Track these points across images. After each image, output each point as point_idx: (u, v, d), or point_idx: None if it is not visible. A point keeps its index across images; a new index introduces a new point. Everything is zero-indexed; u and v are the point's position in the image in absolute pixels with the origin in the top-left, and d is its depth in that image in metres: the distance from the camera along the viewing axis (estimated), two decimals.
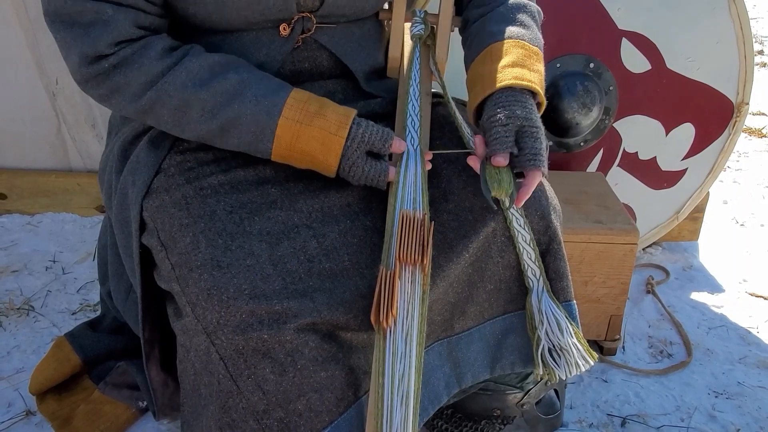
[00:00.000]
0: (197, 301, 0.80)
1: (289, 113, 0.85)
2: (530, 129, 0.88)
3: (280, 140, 0.85)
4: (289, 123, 0.85)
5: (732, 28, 1.55)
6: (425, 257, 0.82)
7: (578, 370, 0.96)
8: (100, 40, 0.80)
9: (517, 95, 0.88)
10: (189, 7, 0.86)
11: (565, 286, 0.97)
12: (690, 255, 1.85)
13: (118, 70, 0.83)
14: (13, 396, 1.28)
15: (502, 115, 0.87)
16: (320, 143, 0.85)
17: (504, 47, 0.92)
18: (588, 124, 1.59)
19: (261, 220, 0.87)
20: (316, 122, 0.85)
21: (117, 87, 0.84)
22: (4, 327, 1.46)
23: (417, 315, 0.82)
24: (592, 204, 1.44)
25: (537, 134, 0.88)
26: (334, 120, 0.86)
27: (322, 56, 0.98)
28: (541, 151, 0.88)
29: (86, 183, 1.86)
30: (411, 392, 0.80)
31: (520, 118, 0.87)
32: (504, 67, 0.90)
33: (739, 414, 1.31)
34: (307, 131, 0.85)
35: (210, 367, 0.80)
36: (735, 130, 1.66)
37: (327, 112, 0.86)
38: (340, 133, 0.85)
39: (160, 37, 0.86)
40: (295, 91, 0.87)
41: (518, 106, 0.87)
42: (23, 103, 1.80)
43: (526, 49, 0.92)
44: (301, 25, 0.94)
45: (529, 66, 0.91)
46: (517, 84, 0.88)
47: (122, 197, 0.96)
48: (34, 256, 1.71)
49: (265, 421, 0.79)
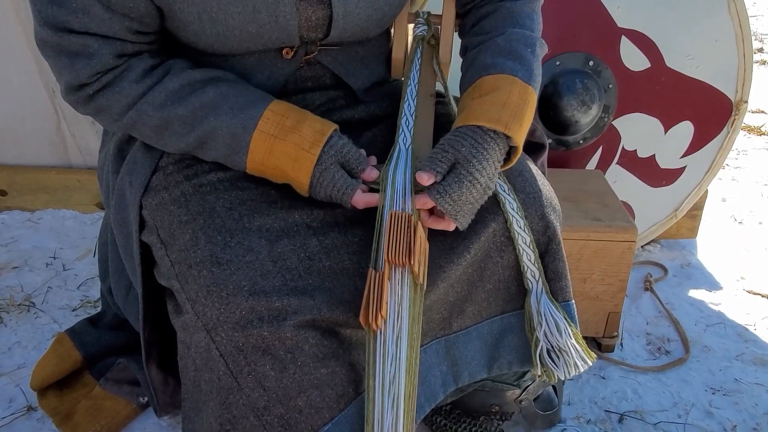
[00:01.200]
0: (197, 297, 0.81)
1: (265, 127, 0.84)
2: (460, 168, 0.82)
3: (254, 154, 0.85)
4: (263, 137, 0.84)
5: (731, 26, 1.55)
6: (413, 258, 0.81)
7: (577, 370, 0.96)
8: (83, 72, 0.81)
9: (478, 134, 0.84)
10: (190, 37, 0.86)
11: (564, 286, 0.97)
12: (688, 252, 1.86)
13: (101, 94, 0.84)
14: (14, 391, 1.28)
15: (448, 142, 0.84)
16: (292, 159, 0.84)
17: (493, 82, 0.88)
18: (587, 122, 1.59)
19: (261, 217, 0.87)
20: (290, 138, 0.84)
21: (100, 108, 0.86)
22: (5, 323, 1.47)
23: (406, 316, 0.82)
24: (591, 202, 1.44)
25: (463, 177, 0.82)
26: (309, 136, 0.84)
27: (325, 75, 0.98)
28: (452, 193, 0.82)
29: (86, 180, 1.87)
30: (401, 394, 0.80)
31: (460, 154, 0.83)
32: (483, 105, 0.86)
33: (736, 410, 1.32)
34: (280, 146, 0.84)
35: (210, 363, 0.81)
36: (734, 128, 1.66)
37: (303, 128, 0.85)
38: (313, 150, 0.84)
39: (141, 59, 0.86)
40: (274, 104, 0.86)
41: (468, 143, 0.83)
42: (23, 101, 1.80)
43: (516, 86, 0.87)
44: (305, 48, 0.94)
45: (512, 107, 0.85)
46: (487, 125, 0.84)
47: (120, 198, 0.97)
48: (35, 253, 1.72)
49: (265, 418, 0.79)
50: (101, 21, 0.79)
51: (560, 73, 1.53)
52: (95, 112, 0.87)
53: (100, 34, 0.80)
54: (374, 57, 1.03)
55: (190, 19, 0.83)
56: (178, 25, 0.85)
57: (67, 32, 0.79)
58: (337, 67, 0.97)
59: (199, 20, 0.83)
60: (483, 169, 0.84)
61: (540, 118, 1.58)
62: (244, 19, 0.83)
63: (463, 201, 0.84)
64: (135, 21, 0.82)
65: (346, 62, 0.98)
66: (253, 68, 0.92)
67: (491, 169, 0.85)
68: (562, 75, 1.53)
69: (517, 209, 0.92)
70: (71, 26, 0.79)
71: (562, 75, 1.53)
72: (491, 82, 0.88)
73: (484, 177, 0.84)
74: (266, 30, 0.86)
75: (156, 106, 0.84)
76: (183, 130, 0.86)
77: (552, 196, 0.99)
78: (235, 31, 0.84)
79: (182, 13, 0.82)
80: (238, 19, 0.83)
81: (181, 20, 0.84)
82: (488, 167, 0.84)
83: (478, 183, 0.84)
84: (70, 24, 0.78)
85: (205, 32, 0.84)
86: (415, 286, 0.83)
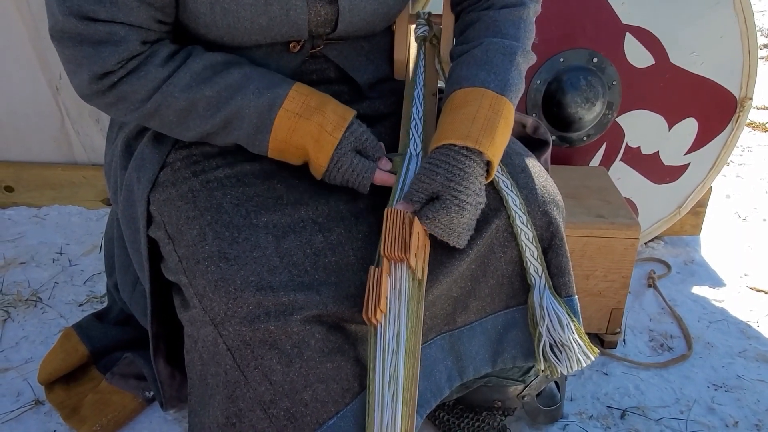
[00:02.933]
0: (204, 292, 0.81)
1: (290, 105, 0.86)
2: (444, 195, 0.83)
3: (277, 132, 0.86)
4: (288, 115, 0.85)
5: (736, 22, 1.55)
6: (408, 253, 0.81)
7: (579, 365, 0.97)
8: (110, 59, 0.81)
9: (451, 156, 0.83)
10: (200, 29, 0.87)
11: (567, 281, 0.98)
12: (692, 249, 1.86)
13: (125, 80, 0.84)
14: (22, 385, 1.30)
15: (423, 173, 0.84)
16: (314, 140, 0.86)
17: (464, 96, 0.87)
18: (591, 119, 1.59)
19: (267, 213, 0.88)
20: (314, 118, 0.86)
21: (123, 95, 0.85)
22: (13, 318, 1.48)
23: (405, 311, 0.82)
24: (594, 198, 1.44)
25: (449, 204, 0.82)
26: (332, 119, 0.86)
27: (330, 68, 0.99)
28: (443, 220, 0.82)
29: (92, 176, 1.88)
30: (400, 388, 0.80)
31: (437, 183, 0.83)
32: (453, 122, 0.85)
33: (738, 407, 1.33)
34: (304, 125, 0.86)
35: (217, 357, 0.81)
36: (738, 125, 1.66)
37: (326, 110, 0.87)
38: (335, 133, 0.86)
39: (163, 44, 0.87)
40: (298, 85, 0.88)
41: (443, 169, 0.82)
42: (26, 98, 1.81)
43: (487, 99, 0.86)
44: (311, 42, 0.94)
45: (482, 120, 0.84)
46: (458, 143, 0.83)
47: (128, 194, 0.98)
48: (41, 248, 1.73)
49: (271, 411, 0.80)
50: (129, 10, 0.80)
51: (564, 69, 1.53)
52: (116, 101, 0.86)
53: (126, 22, 0.81)
54: (379, 52, 1.04)
55: (202, 10, 0.84)
56: (189, 16, 0.85)
57: (93, 21, 0.79)
58: (342, 61, 0.98)
59: (211, 11, 0.84)
60: (466, 189, 0.83)
61: (543, 115, 1.58)
62: (255, 11, 0.84)
63: (455, 225, 0.84)
64: (159, 11, 0.83)
65: (351, 57, 0.99)
66: (260, 61, 0.93)
67: (475, 185, 0.84)
68: (566, 72, 1.53)
69: (520, 205, 0.93)
70: (97, 15, 0.79)
71: (565, 72, 1.53)
72: (462, 96, 0.87)
73: (470, 197, 0.84)
74: (276, 23, 0.86)
75: (182, 87, 0.85)
76: (208, 112, 0.86)
77: (555, 193, 0.99)
78: (246, 23, 0.85)
79: (195, 3, 0.83)
80: (249, 11, 0.84)
81: (193, 11, 0.84)
82: (471, 185, 0.84)
83: (467, 204, 0.83)
84: (97, 13, 0.79)
85: (216, 23, 0.85)
86: (413, 281, 0.84)
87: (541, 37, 1.00)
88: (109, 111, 0.89)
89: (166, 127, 0.89)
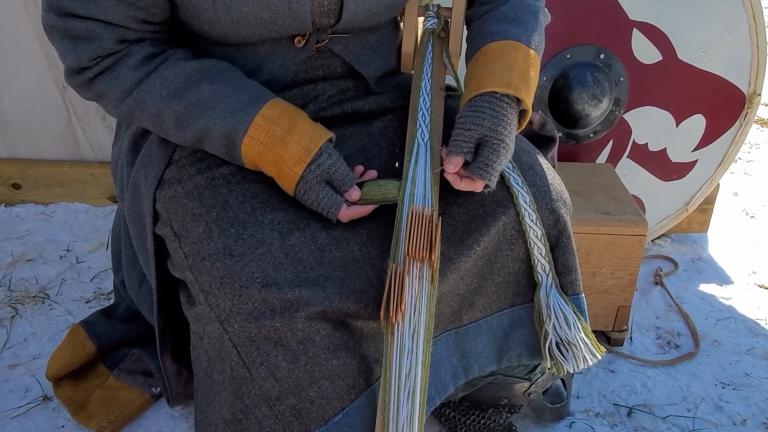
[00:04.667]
0: (210, 289, 0.82)
1: (255, 133, 0.85)
2: (491, 140, 0.86)
3: (246, 157, 0.87)
4: (252, 143, 0.85)
5: (744, 18, 1.53)
6: (433, 253, 0.82)
7: (586, 364, 0.97)
8: (84, 55, 0.83)
9: (494, 102, 0.86)
10: (204, 26, 0.87)
11: (574, 279, 0.97)
12: (699, 247, 1.85)
13: (100, 78, 0.86)
14: (30, 381, 1.31)
15: (468, 120, 0.86)
16: (277, 171, 0.86)
17: (499, 48, 0.90)
18: (598, 116, 1.58)
19: (272, 210, 0.88)
20: (277, 149, 0.85)
21: (100, 93, 0.88)
22: (21, 314, 1.49)
23: (424, 311, 0.83)
24: (601, 195, 1.44)
25: (497, 147, 0.85)
26: (294, 152, 0.84)
27: (336, 63, 0.98)
28: (493, 164, 0.85)
29: (99, 173, 1.88)
30: (417, 388, 0.80)
31: (485, 128, 0.85)
32: (492, 71, 0.88)
33: (746, 405, 1.32)
34: (268, 155, 0.85)
35: (223, 354, 0.82)
36: (746, 122, 1.65)
37: (290, 142, 0.84)
38: (296, 168, 0.84)
39: (141, 46, 0.87)
40: (267, 107, 0.85)
41: (488, 115, 0.86)
42: (33, 96, 1.82)
43: (521, 51, 0.90)
44: (316, 36, 0.94)
45: (519, 71, 0.88)
46: (499, 90, 0.86)
47: (134, 190, 0.98)
48: (49, 246, 1.74)
49: (277, 408, 0.80)
50: (105, 8, 0.81)
51: (571, 66, 1.53)
52: (96, 97, 0.89)
53: (103, 20, 0.82)
54: (385, 46, 1.04)
55: (204, 7, 0.84)
56: (192, 14, 0.86)
57: (71, 17, 0.81)
58: (348, 55, 0.98)
59: (213, 7, 0.84)
60: (509, 134, 0.87)
61: (550, 112, 1.58)
62: (257, 5, 0.84)
63: (498, 167, 0.87)
64: (141, 10, 0.83)
65: (357, 50, 0.99)
66: (265, 57, 0.93)
67: (513, 131, 0.88)
68: (573, 68, 1.52)
69: (529, 202, 0.93)
70: (76, 11, 0.81)
71: (572, 68, 1.52)
72: (496, 48, 0.90)
73: (510, 141, 0.88)
74: (279, 16, 0.86)
75: (152, 95, 0.86)
76: (179, 126, 0.87)
77: (562, 190, 0.99)
78: (249, 18, 0.85)
79: (197, 0, 0.84)
80: (252, 6, 0.84)
81: (196, 8, 0.85)
82: (511, 130, 0.88)
83: (509, 147, 0.87)
84: (75, 9, 0.81)
85: (219, 19, 0.85)
86: (432, 280, 0.84)
87: (548, 34, 1.00)
88: (97, 103, 0.91)
89: (148, 128, 0.92)
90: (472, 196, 0.93)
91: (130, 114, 0.89)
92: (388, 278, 0.81)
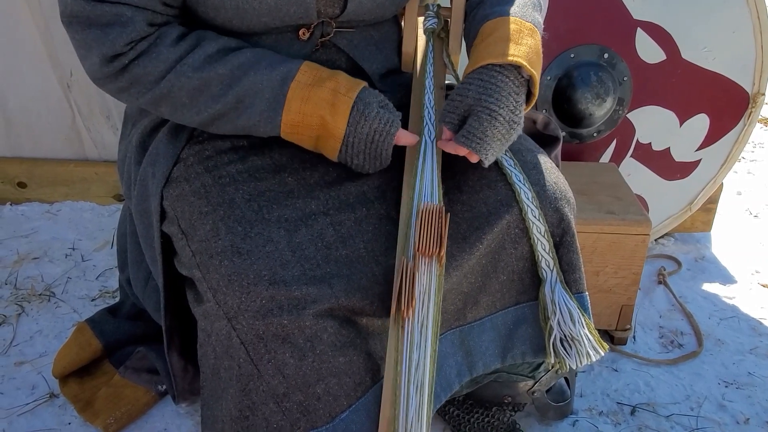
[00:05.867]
0: (218, 287, 0.82)
1: (302, 77, 0.87)
2: (475, 109, 0.86)
3: (291, 104, 0.86)
4: (300, 86, 0.87)
5: (749, 17, 1.53)
6: (442, 249, 0.83)
7: (589, 360, 0.97)
8: (118, 41, 0.82)
9: (484, 73, 0.86)
10: (209, 12, 0.88)
11: (578, 277, 0.98)
12: (702, 246, 1.85)
13: (136, 62, 0.85)
14: (36, 379, 1.31)
15: (455, 92, 0.88)
16: (330, 104, 0.86)
17: (493, 25, 0.90)
18: (601, 115, 1.58)
19: (279, 207, 0.88)
20: (327, 84, 0.87)
21: (136, 78, 0.86)
22: (27, 312, 1.50)
23: (432, 306, 0.83)
24: (605, 195, 1.44)
25: (481, 115, 0.85)
26: (345, 83, 0.88)
27: (340, 59, 0.99)
28: (477, 132, 0.85)
29: (104, 172, 1.89)
30: (426, 381, 0.81)
31: (470, 98, 0.86)
32: (487, 46, 0.88)
33: (749, 404, 1.32)
34: (317, 93, 0.87)
35: (231, 351, 0.82)
36: (750, 121, 1.65)
37: (339, 77, 0.89)
38: (350, 93, 0.87)
39: (172, 26, 0.88)
40: (308, 61, 0.90)
41: (475, 86, 0.86)
42: (38, 96, 1.82)
43: (516, 24, 0.90)
44: (321, 29, 0.95)
45: (516, 40, 0.87)
46: (492, 61, 0.86)
47: (142, 188, 0.98)
48: (54, 244, 1.75)
49: (284, 404, 0.81)
50: None
51: (575, 65, 1.53)
52: (128, 85, 0.87)
53: (132, 3, 0.82)
54: (388, 43, 1.04)
55: None
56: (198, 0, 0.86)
57: (99, 2, 0.81)
58: (352, 50, 0.98)
59: None
60: (498, 101, 0.85)
61: (554, 111, 1.58)
62: None
63: (489, 137, 0.86)
64: None
65: (361, 45, 0.99)
66: (270, 49, 0.93)
67: (509, 100, 0.86)
68: (577, 67, 1.53)
69: (532, 199, 0.93)
70: None
71: (576, 67, 1.53)
72: (491, 26, 0.91)
73: (502, 108, 0.85)
74: (284, 3, 0.87)
75: (195, 67, 0.86)
76: (221, 90, 0.87)
77: (566, 189, 0.99)
78: (254, 3, 0.86)
79: None
80: None
81: None
82: (504, 99, 0.86)
83: (500, 116, 0.85)
84: None
85: (225, 5, 0.86)
86: (440, 275, 0.84)
87: (552, 33, 1.00)
88: (121, 96, 0.90)
89: (177, 110, 0.89)
90: (476, 195, 0.94)
91: (166, 93, 0.87)
92: (399, 273, 0.82)
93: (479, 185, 0.95)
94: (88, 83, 1.84)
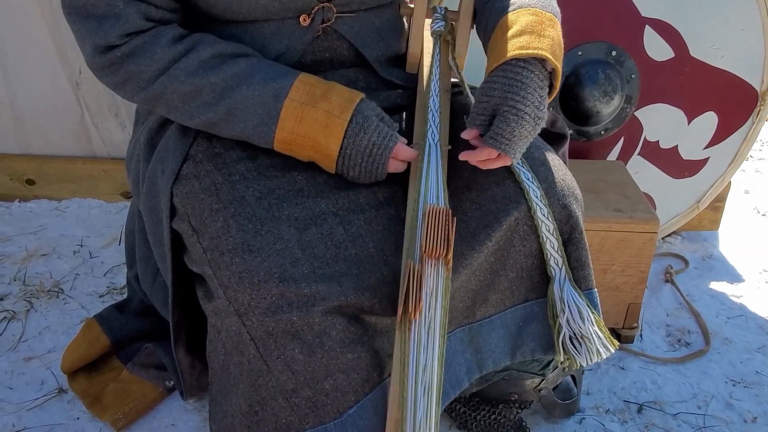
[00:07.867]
0: (229, 283, 0.83)
1: (295, 95, 0.87)
2: (501, 109, 0.85)
3: (284, 123, 0.87)
4: (293, 104, 0.86)
5: (758, 14, 1.52)
6: (449, 251, 0.83)
7: (599, 357, 0.97)
8: (112, 32, 0.83)
9: (508, 70, 0.86)
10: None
11: (587, 274, 0.98)
12: (710, 244, 1.84)
13: (131, 59, 0.86)
14: (45, 374, 1.32)
15: (481, 93, 0.88)
16: (323, 126, 0.87)
17: (513, 18, 0.89)
18: (609, 113, 1.58)
19: (289, 206, 0.89)
20: (320, 105, 0.87)
21: (130, 75, 0.87)
22: (36, 308, 1.51)
23: (440, 308, 0.83)
24: (612, 193, 1.44)
25: (507, 115, 0.84)
26: (337, 103, 0.87)
27: (342, 46, 0.99)
28: (503, 133, 0.85)
29: (112, 169, 1.90)
30: (434, 383, 0.81)
31: (495, 97, 0.86)
32: (509, 39, 0.87)
33: (757, 402, 1.32)
34: (311, 113, 0.86)
35: (241, 347, 0.83)
36: (759, 119, 1.64)
37: (332, 96, 0.88)
38: (343, 115, 0.87)
39: (170, 27, 0.88)
40: (302, 75, 0.89)
41: (500, 84, 0.85)
42: (46, 93, 1.83)
43: (537, 15, 0.88)
44: (321, 15, 0.95)
45: (538, 32, 0.86)
46: (519, 55, 0.85)
47: (151, 185, 0.99)
48: (62, 241, 1.76)
49: (293, 400, 0.81)
50: None
51: (582, 63, 1.52)
52: (123, 81, 0.88)
53: None
54: (389, 29, 1.04)
55: None
56: None
57: None
58: (353, 36, 0.98)
59: None
60: (524, 99, 0.85)
61: (561, 109, 1.57)
62: None
63: (517, 137, 0.86)
64: None
65: (362, 32, 0.99)
66: (271, 37, 0.93)
67: (534, 96, 0.86)
68: (584, 65, 1.52)
69: (540, 197, 0.93)
70: None
71: (584, 65, 1.52)
72: (511, 18, 0.90)
73: (528, 107, 0.85)
74: None
75: (188, 72, 0.86)
76: (213, 99, 0.87)
77: (574, 186, 0.99)
78: None
79: None
80: None
81: None
82: (529, 96, 0.85)
83: (526, 114, 0.85)
84: None
85: None
86: (446, 277, 0.85)
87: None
88: (119, 92, 0.91)
89: (171, 112, 0.91)
90: (484, 193, 0.94)
91: (159, 94, 0.88)
92: (406, 276, 0.82)
93: (487, 183, 0.94)
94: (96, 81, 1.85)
